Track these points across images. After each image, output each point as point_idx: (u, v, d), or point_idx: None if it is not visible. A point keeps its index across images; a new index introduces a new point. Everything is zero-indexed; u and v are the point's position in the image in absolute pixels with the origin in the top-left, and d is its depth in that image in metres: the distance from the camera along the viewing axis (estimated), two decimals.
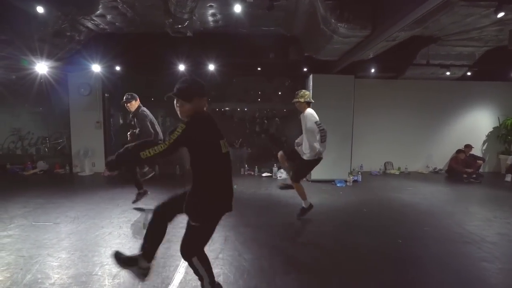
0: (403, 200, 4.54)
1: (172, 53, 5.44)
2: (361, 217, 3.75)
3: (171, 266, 2.40)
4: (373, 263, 2.54)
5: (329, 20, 3.61)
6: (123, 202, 4.19)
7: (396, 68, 6.29)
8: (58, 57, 5.21)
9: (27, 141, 6.98)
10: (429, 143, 7.08)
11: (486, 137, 7.14)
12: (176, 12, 3.45)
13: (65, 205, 4.01)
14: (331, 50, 4.54)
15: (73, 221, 3.39)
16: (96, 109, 6.52)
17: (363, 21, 3.57)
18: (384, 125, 6.88)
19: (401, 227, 3.36)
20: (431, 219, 3.64)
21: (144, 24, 4.87)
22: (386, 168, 7.01)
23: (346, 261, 2.58)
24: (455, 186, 5.63)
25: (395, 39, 3.98)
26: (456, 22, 4.43)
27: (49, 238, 2.89)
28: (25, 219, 3.43)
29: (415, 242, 2.94)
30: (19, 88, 6.43)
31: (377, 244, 2.91)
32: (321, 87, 5.67)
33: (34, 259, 2.44)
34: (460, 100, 6.97)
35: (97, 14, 4.37)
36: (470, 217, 3.71)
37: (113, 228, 3.17)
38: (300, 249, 2.82)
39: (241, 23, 4.70)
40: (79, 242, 2.80)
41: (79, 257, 2.50)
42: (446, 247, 2.84)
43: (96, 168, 6.55)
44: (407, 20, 3.11)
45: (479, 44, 5.50)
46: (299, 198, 3.59)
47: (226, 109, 7.35)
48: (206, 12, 4.42)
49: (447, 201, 4.57)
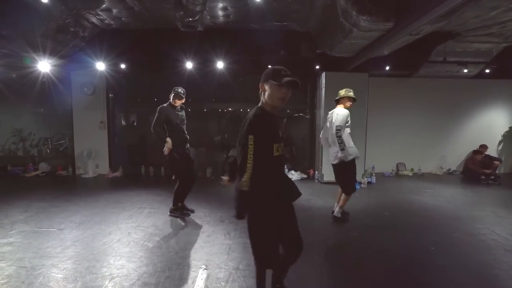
0: (424, 202, 4.31)
1: (179, 50, 5.23)
2: (385, 221, 3.53)
3: (189, 278, 2.17)
4: (407, 270, 2.32)
5: (350, 12, 3.40)
6: (129, 205, 3.97)
7: (410, 66, 6.07)
8: (61, 55, 5.01)
9: (28, 142, 6.77)
10: (443, 143, 6.86)
11: (502, 137, 6.91)
12: (189, 4, 3.24)
13: (69, 209, 3.79)
14: (348, 46, 4.32)
15: (78, 227, 3.17)
16: (100, 109, 6.31)
17: (387, 12, 3.36)
18: (396, 125, 6.66)
19: (429, 233, 3.13)
20: (460, 223, 3.41)
21: (151, 19, 4.66)
22: (398, 169, 6.78)
23: (378, 268, 2.35)
24: (473, 187, 5.40)
25: (419, 33, 3.76)
26: (480, 16, 4.21)
27: (53, 246, 2.67)
28: (26, 224, 3.21)
29: (450, 250, 2.71)
30: (20, 87, 6.21)
31: (407, 251, 2.68)
32: (334, 85, 5.42)
33: (37, 271, 2.22)
34: (474, 99, 6.75)
35: (102, 8, 4.16)
36: (501, 221, 3.48)
37: (122, 235, 2.94)
38: (328, 255, 2.60)
39: (254, 17, 4.49)
40: (86, 251, 2.58)
41: (87, 268, 2.27)
42: (484, 256, 2.61)
43: (99, 170, 6.33)
44: (435, 13, 2.91)
45: (499, 40, 5.28)
46: (316, 201, 3.41)
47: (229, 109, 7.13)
48: (217, 6, 4.21)
49: (470, 203, 4.34)
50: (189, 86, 5.84)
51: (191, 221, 3.39)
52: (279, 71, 1.54)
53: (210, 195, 4.55)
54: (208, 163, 6.33)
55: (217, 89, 6.40)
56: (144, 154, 6.58)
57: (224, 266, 2.32)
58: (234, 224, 3.26)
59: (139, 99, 6.81)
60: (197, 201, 4.04)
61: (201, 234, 2.98)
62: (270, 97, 1.54)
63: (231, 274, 2.20)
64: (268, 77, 1.54)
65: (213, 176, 6.13)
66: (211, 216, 3.55)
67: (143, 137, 6.71)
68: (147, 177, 6.07)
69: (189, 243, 2.77)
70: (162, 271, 2.24)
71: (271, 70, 1.55)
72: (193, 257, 2.49)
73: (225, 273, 2.23)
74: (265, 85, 1.56)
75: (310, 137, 6.36)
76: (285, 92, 1.53)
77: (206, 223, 3.31)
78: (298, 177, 6.01)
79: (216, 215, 3.57)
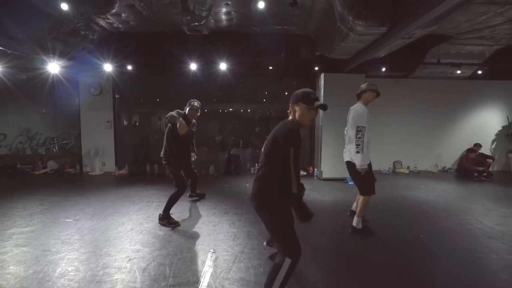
0: (418, 197, 4.54)
1: (184, 52, 5.47)
2: (380, 214, 3.74)
3: (199, 260, 2.39)
4: (400, 256, 2.54)
5: (347, 17, 3.63)
6: (138, 199, 4.18)
7: (406, 67, 6.32)
8: (70, 56, 5.24)
9: (35, 141, 6.98)
10: (438, 142, 7.08)
11: (495, 136, 7.14)
12: (195, 9, 3.47)
13: (81, 203, 4.00)
14: (345, 49, 4.56)
15: (92, 218, 3.39)
16: (107, 109, 6.53)
17: (381, 18, 3.60)
18: (393, 124, 6.89)
19: (422, 223, 3.35)
20: (450, 215, 3.64)
21: (158, 23, 4.90)
22: (395, 167, 7.00)
23: (371, 252, 2.57)
24: (466, 184, 5.62)
25: (412, 36, 3.99)
26: (471, 20, 4.45)
27: (71, 234, 2.89)
28: (44, 216, 3.42)
29: (440, 238, 2.93)
30: (30, 88, 6.44)
31: (399, 238, 2.90)
32: (332, 86, 5.68)
33: (60, 254, 2.44)
34: (468, 99, 6.99)
35: (112, 12, 4.40)
36: (488, 213, 3.70)
37: (134, 225, 3.16)
38: (323, 244, 2.82)
39: (256, 21, 4.72)
40: (102, 238, 2.79)
41: (105, 252, 2.49)
42: (469, 242, 2.83)
43: (106, 167, 6.55)
44: (426, 18, 3.14)
45: (490, 43, 5.52)
46: (315, 196, 3.58)
47: (230, 109, 7.35)
48: (221, 10, 4.44)
49: (462, 198, 4.56)
50: (192, 87, 6.13)
51: (198, 213, 3.61)
52: (308, 94, 1.67)
53: (214, 190, 4.77)
54: (211, 161, 6.55)
55: (219, 90, 6.64)
56: (149, 153, 6.80)
57: (231, 250, 2.54)
58: (238, 215, 3.48)
59: (144, 99, 7.04)
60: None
61: (208, 224, 3.20)
62: (300, 118, 1.67)
63: (237, 257, 2.42)
64: (298, 99, 1.67)
65: (216, 174, 6.35)
66: (216, 208, 3.77)
67: (148, 136, 6.95)
68: (152, 175, 6.30)
69: (197, 232, 2.98)
70: (174, 254, 2.46)
71: (301, 93, 1.68)
72: (201, 243, 2.71)
73: (231, 255, 2.45)
74: (295, 106, 1.69)
75: (309, 136, 6.57)
76: (314, 114, 1.69)
77: (211, 214, 3.53)
78: None
79: (221, 208, 3.79)
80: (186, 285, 2.01)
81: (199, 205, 3.90)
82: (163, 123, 6.78)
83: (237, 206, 3.83)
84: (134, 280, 2.06)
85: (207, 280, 2.06)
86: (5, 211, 3.58)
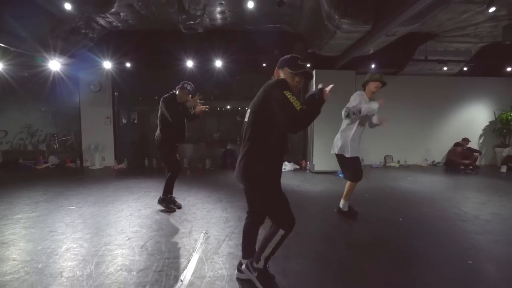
0: (404, 187, 4.77)
1: (181, 50, 5.67)
2: (365, 202, 3.95)
3: (192, 239, 2.61)
4: (380, 236, 2.76)
5: (333, 16, 3.84)
6: (137, 190, 4.41)
7: (396, 64, 6.53)
8: (70, 54, 5.43)
9: (36, 138, 7.17)
10: (428, 137, 7.32)
11: (482, 131, 7.38)
12: (190, 9, 3.67)
13: (83, 192, 4.22)
14: (334, 46, 4.77)
15: (94, 205, 3.60)
16: (106, 105, 6.73)
17: (365, 16, 3.81)
18: None
19: (402, 209, 3.58)
20: (431, 202, 3.87)
21: (156, 21, 5.10)
22: (386, 161, 7.24)
23: (355, 234, 2.80)
24: (452, 176, 5.87)
25: (395, 34, 4.21)
26: (453, 19, 4.67)
27: (75, 218, 3.10)
28: (48, 203, 3.64)
29: (417, 221, 3.16)
30: (32, 85, 6.64)
31: (382, 222, 3.12)
32: (324, 82, 5.88)
33: (66, 234, 2.66)
34: (457, 96, 7.22)
35: (111, 12, 4.59)
36: (467, 201, 3.94)
37: (133, 211, 3.38)
38: (307, 223, 3.04)
39: (249, 20, 4.93)
40: (104, 222, 3.01)
41: (107, 233, 2.71)
42: (444, 224, 3.06)
43: (106, 162, 6.76)
44: (405, 16, 3.35)
45: (475, 40, 5.74)
46: (305, 186, 3.77)
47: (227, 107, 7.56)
48: (215, 10, 4.65)
49: (445, 188, 4.80)
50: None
51: (193, 201, 3.83)
52: (296, 59, 1.58)
53: (210, 182, 5.00)
54: (207, 156, 6.77)
55: (216, 86, 6.84)
56: (147, 147, 7.01)
57: (222, 231, 2.77)
58: (231, 202, 3.71)
59: (142, 96, 7.23)
60: (198, 187, 4.50)
61: (202, 210, 3.43)
62: None
63: (227, 236, 2.65)
64: (284, 63, 1.59)
65: (212, 167, 6.57)
66: (211, 197, 4.00)
67: (146, 132, 7.15)
68: (150, 168, 6.52)
69: (192, 216, 3.20)
70: (170, 234, 2.68)
71: (289, 57, 1.60)
72: (195, 225, 2.93)
73: (222, 235, 2.67)
74: (280, 71, 1.62)
75: (302, 130, 6.80)
76: (298, 81, 1.60)
77: (206, 202, 3.76)
78: (291, 168, 6.45)
79: (215, 196, 4.02)
80: (180, 257, 2.23)
81: (195, 194, 4.11)
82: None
83: (231, 195, 4.06)
84: (133, 254, 2.28)
85: (198, 254, 2.28)
86: (12, 199, 3.79)
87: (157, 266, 2.10)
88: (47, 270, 2.02)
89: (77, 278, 1.92)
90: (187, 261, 2.17)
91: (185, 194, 4.09)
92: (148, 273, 1.99)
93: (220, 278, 1.95)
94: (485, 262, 2.27)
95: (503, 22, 4.64)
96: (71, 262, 2.13)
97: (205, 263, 2.14)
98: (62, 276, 1.94)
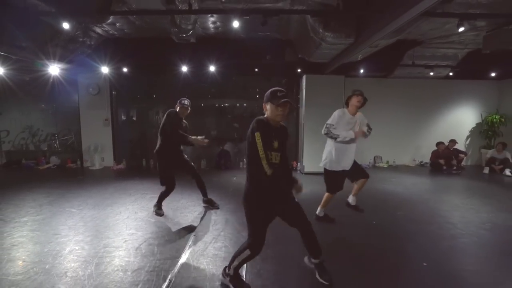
0: (387, 189, 5.05)
1: (176, 56, 5.89)
2: (342, 204, 4.23)
3: (182, 241, 2.90)
4: (351, 236, 3.05)
5: (317, 29, 4.06)
6: (134, 192, 4.70)
7: (385, 68, 6.74)
8: (69, 60, 5.65)
9: (37, 137, 7.44)
10: (416, 138, 7.57)
11: (469, 132, 7.63)
12: (181, 23, 3.89)
13: (84, 195, 4.51)
14: (321, 54, 4.99)
15: (94, 208, 3.90)
16: (104, 107, 6.98)
17: (347, 30, 4.03)
18: (373, 121, 7.25)
19: (378, 212, 3.86)
20: (408, 205, 4.16)
21: (150, 30, 5.30)
22: (375, 161, 7.51)
23: (328, 232, 3.08)
24: (437, 177, 6.14)
25: (377, 46, 4.43)
26: (437, 28, 4.86)
27: (76, 221, 3.39)
28: (51, 206, 3.93)
29: (389, 224, 3.44)
30: (32, 89, 6.87)
31: (356, 225, 3.41)
32: (313, 86, 6.13)
33: (69, 237, 2.95)
34: (445, 98, 7.44)
35: (108, 22, 4.80)
36: (441, 204, 4.22)
37: (130, 214, 3.67)
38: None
39: (239, 30, 5.12)
40: (103, 225, 3.30)
41: (105, 236, 3.00)
42: (412, 226, 3.34)
43: (105, 162, 7.04)
44: (385, 31, 3.57)
45: (460, 47, 5.94)
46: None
47: (225, 105, 7.77)
48: (207, 21, 4.85)
49: (426, 190, 5.08)
50: (184, 87, 6.55)
51: (186, 203, 4.11)
52: (275, 93, 1.87)
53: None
54: (202, 156, 7.05)
55: (210, 88, 7.07)
56: (145, 148, 7.28)
57: (210, 234, 3.06)
58: (221, 205, 3.99)
59: (139, 98, 7.45)
60: (192, 188, 4.76)
61: (194, 212, 3.72)
62: (270, 114, 1.89)
63: (214, 238, 2.94)
64: (267, 99, 1.90)
65: (207, 168, 6.85)
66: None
67: (144, 133, 7.41)
68: (148, 169, 6.81)
69: (184, 219, 3.50)
70: (162, 236, 2.97)
71: (269, 93, 1.90)
72: (186, 228, 3.22)
73: (210, 237, 2.96)
74: (266, 105, 1.92)
75: (294, 132, 7.04)
76: (282, 110, 1.87)
77: (197, 204, 4.05)
78: None
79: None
80: (169, 259, 2.52)
81: (188, 196, 4.40)
82: (159, 118, 7.20)
83: (221, 198, 4.34)
84: (128, 255, 2.57)
85: (186, 256, 2.58)
86: (18, 202, 4.09)
87: (149, 266, 2.39)
88: (54, 270, 2.31)
89: (79, 277, 2.21)
90: (176, 262, 2.47)
91: (179, 197, 4.37)
92: (141, 273, 2.29)
93: (203, 279, 2.24)
94: (439, 264, 2.56)
95: (483, 32, 4.84)
96: (74, 263, 2.42)
97: (191, 264, 2.44)
98: (66, 276, 2.23)
